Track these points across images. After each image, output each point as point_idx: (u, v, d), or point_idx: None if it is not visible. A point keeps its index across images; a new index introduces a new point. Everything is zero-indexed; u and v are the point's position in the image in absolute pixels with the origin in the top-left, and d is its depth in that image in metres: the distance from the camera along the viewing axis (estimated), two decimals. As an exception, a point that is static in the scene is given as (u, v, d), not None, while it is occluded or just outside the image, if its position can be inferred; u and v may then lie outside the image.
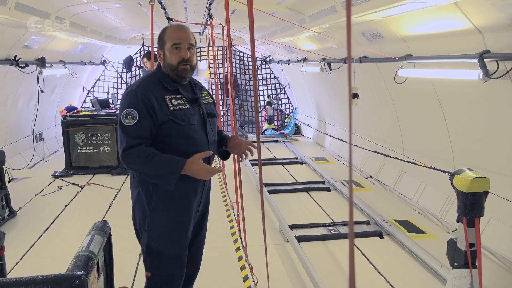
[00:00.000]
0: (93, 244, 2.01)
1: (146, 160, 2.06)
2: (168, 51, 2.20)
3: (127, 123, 2.09)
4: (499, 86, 3.27)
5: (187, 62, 2.20)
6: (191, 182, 2.23)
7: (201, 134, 2.26)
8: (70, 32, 6.12)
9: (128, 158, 2.10)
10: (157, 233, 2.23)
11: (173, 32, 2.21)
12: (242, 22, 7.29)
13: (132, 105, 2.11)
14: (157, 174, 2.09)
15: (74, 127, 6.77)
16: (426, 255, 3.75)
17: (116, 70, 10.89)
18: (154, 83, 2.22)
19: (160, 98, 2.15)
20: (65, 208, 5.25)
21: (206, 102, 2.40)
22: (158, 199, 2.21)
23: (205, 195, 2.44)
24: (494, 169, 3.75)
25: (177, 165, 2.09)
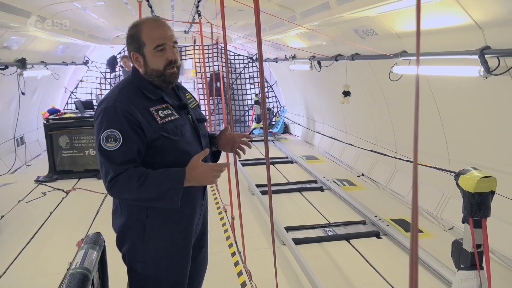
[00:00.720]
0: (87, 260, 1.87)
1: (140, 184, 1.69)
2: (150, 54, 1.81)
3: (109, 148, 1.71)
4: (499, 83, 3.21)
5: (174, 64, 1.84)
6: (189, 202, 1.92)
7: (195, 145, 1.93)
8: (51, 31, 5.89)
9: (117, 187, 1.73)
10: (154, 263, 1.91)
11: (153, 30, 1.81)
12: (230, 20, 7.16)
13: (112, 125, 1.73)
14: (157, 196, 1.72)
15: (58, 130, 6.54)
16: (426, 255, 3.69)
17: (99, 71, 10.63)
18: (133, 93, 1.82)
19: (145, 111, 1.77)
20: (51, 215, 5.04)
21: (192, 106, 2.05)
22: (152, 228, 1.87)
23: (203, 212, 2.12)
24: (492, 166, 3.71)
25: (177, 177, 1.74)
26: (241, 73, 11.34)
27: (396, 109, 5.50)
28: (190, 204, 1.93)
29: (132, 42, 1.85)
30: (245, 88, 11.46)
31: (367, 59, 5.27)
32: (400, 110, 5.42)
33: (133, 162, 1.75)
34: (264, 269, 3.63)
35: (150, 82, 1.88)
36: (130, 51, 1.89)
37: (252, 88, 11.39)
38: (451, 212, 4.50)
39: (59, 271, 3.64)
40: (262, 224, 4.68)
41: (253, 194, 5.63)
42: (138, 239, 1.88)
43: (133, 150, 1.74)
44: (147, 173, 1.72)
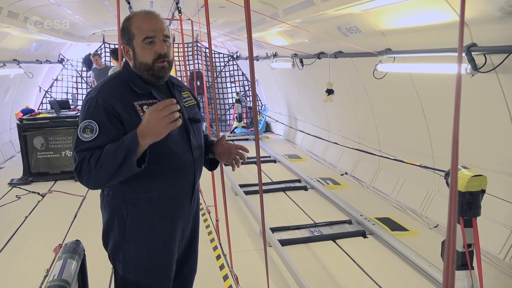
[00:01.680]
0: (66, 271, 1.74)
1: (96, 160, 1.60)
2: (139, 47, 1.74)
3: (84, 139, 1.64)
4: (485, 81, 3.20)
5: (164, 58, 1.76)
6: (174, 204, 1.85)
7: (183, 145, 1.83)
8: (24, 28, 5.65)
9: (81, 174, 1.63)
10: (134, 265, 1.83)
11: (143, 22, 1.75)
12: (211, 17, 7.02)
13: (91, 115, 1.67)
14: (115, 165, 1.58)
15: (32, 131, 6.29)
16: (413, 254, 3.67)
17: (75, 69, 10.33)
18: (120, 86, 1.77)
19: (128, 105, 1.70)
20: (26, 219, 4.82)
21: (187, 104, 1.96)
22: (133, 227, 1.80)
23: (193, 216, 2.00)
24: (478, 165, 3.70)
25: (131, 137, 1.58)
26: (221, 72, 11.20)
27: (379, 107, 5.48)
28: (174, 206, 1.85)
29: (123, 34, 1.80)
30: (226, 87, 11.33)
31: (350, 57, 5.24)
32: (383, 108, 5.41)
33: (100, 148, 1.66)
34: (250, 272, 3.54)
35: (140, 77, 1.80)
36: (122, 45, 1.83)
37: (233, 86, 11.27)
38: (435, 210, 4.50)
39: (36, 279, 3.48)
40: (247, 225, 4.59)
41: (237, 195, 5.53)
42: (119, 238, 1.81)
43: (105, 142, 1.65)
44: (103, 149, 1.62)
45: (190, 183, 1.89)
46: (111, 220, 1.83)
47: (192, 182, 1.89)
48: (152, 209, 1.80)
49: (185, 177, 1.86)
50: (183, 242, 1.97)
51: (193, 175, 1.89)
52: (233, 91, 11.17)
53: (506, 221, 3.63)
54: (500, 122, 3.41)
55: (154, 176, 1.76)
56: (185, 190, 1.89)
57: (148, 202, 1.80)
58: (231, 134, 9.91)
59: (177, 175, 1.83)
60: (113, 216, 1.82)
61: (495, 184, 3.51)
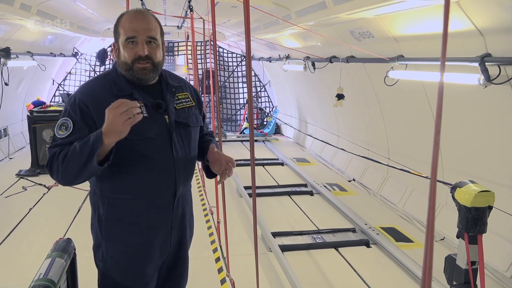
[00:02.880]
0: (52, 270, 1.70)
1: (63, 156, 1.59)
2: (122, 45, 1.73)
3: (59, 135, 1.66)
4: (499, 92, 3.10)
5: (146, 60, 1.70)
6: (152, 207, 1.78)
7: (164, 151, 1.74)
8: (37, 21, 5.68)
9: (51, 170, 1.65)
10: (111, 265, 1.80)
11: (128, 21, 1.72)
12: (223, 16, 7.00)
13: (67, 114, 1.69)
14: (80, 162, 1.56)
15: (42, 123, 6.33)
16: (416, 267, 3.57)
17: (88, 63, 10.39)
18: (102, 86, 1.75)
19: (105, 106, 1.61)
20: (30, 211, 4.85)
21: (180, 107, 1.85)
22: (109, 227, 1.77)
23: (178, 223, 1.89)
24: (487, 178, 3.60)
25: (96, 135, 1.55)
26: (233, 71, 11.17)
27: (390, 115, 5.38)
28: (150, 211, 1.78)
29: (114, 32, 1.79)
30: (237, 87, 11.29)
31: (362, 62, 5.15)
32: (394, 115, 5.31)
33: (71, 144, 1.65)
34: (248, 278, 3.46)
35: (125, 77, 1.77)
36: (114, 42, 1.81)
37: (245, 87, 11.23)
38: (442, 222, 4.38)
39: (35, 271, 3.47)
40: (249, 228, 4.53)
41: (241, 197, 5.48)
42: (99, 237, 1.81)
43: (77, 138, 1.63)
44: (72, 146, 1.61)
45: (170, 189, 1.80)
46: (93, 217, 1.83)
47: (172, 188, 1.80)
48: (128, 211, 1.76)
49: (163, 183, 1.77)
50: (168, 248, 1.89)
51: (173, 181, 1.78)
52: (244, 91, 11.13)
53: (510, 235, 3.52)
54: (507, 135, 3.31)
55: (130, 178, 1.72)
56: (164, 196, 1.80)
57: (124, 203, 1.76)
58: (240, 135, 9.87)
59: (154, 180, 1.75)
60: (94, 214, 1.82)
61: (504, 198, 3.40)
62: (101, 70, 10.47)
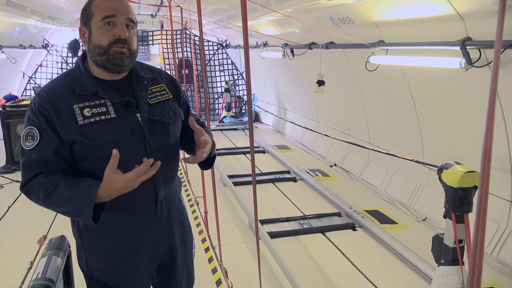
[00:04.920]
0: (50, 269, 1.66)
1: (46, 196, 1.45)
2: (96, 26, 1.52)
3: (27, 147, 1.50)
4: (479, 75, 3.18)
5: (123, 44, 1.52)
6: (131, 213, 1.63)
7: (138, 153, 1.55)
8: (6, 12, 5.45)
9: (29, 196, 1.52)
10: (97, 275, 1.68)
11: (106, 1, 1.53)
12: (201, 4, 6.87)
13: (31, 122, 1.52)
14: (67, 212, 1.49)
15: (15, 118, 6.12)
16: (402, 248, 3.67)
17: (60, 55, 10.07)
18: (63, 87, 1.56)
19: (66, 109, 1.50)
20: (9, 209, 4.71)
21: (154, 101, 1.66)
22: (89, 237, 1.64)
23: (165, 227, 1.73)
24: (468, 159, 3.71)
25: (87, 195, 1.42)
26: (210, 60, 11.05)
27: (370, 100, 5.45)
28: (130, 217, 1.64)
29: (82, 14, 1.58)
30: (214, 76, 11.19)
31: (342, 47, 5.17)
32: (374, 100, 5.38)
33: (49, 164, 1.51)
34: (239, 265, 3.51)
35: (89, 73, 1.59)
36: (80, 26, 1.59)
37: (222, 75, 11.14)
38: (424, 203, 4.52)
39: (19, 271, 3.39)
40: (236, 217, 4.55)
41: (225, 186, 5.47)
42: (80, 244, 1.67)
43: (49, 150, 1.50)
44: (57, 184, 1.46)
45: (150, 193, 1.64)
46: (72, 226, 1.70)
47: (152, 192, 1.64)
48: (107, 221, 1.56)
49: (141, 190, 1.54)
50: (158, 254, 1.75)
51: (152, 185, 1.62)
52: (222, 80, 11.05)
53: (494, 216, 3.65)
54: (491, 117, 3.40)
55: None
56: (146, 202, 1.65)
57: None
58: (219, 124, 9.83)
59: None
60: (73, 221, 1.68)
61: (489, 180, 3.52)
62: (74, 62, 10.18)
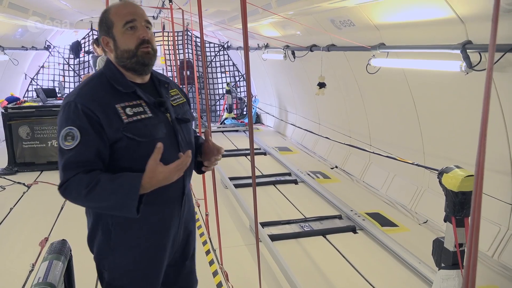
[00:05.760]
0: (51, 273, 1.68)
1: (87, 191, 1.48)
2: (119, 33, 1.64)
3: (66, 147, 1.53)
4: (479, 79, 3.18)
5: (148, 44, 1.64)
6: (162, 209, 1.73)
7: (171, 149, 1.66)
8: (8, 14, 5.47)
9: (67, 194, 1.54)
10: (120, 273, 1.74)
11: (122, 8, 1.65)
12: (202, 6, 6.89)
13: (71, 122, 1.55)
14: (108, 205, 1.53)
15: (18, 119, 6.15)
16: (403, 251, 3.67)
17: (62, 56, 10.09)
18: (101, 87, 1.64)
19: (110, 108, 1.58)
20: (11, 211, 4.73)
21: (175, 103, 1.81)
22: (118, 235, 1.68)
23: (184, 221, 1.85)
24: (468, 162, 3.71)
25: (132, 186, 1.49)
26: (212, 62, 11.07)
27: (371, 102, 5.46)
28: (161, 212, 1.73)
29: (101, 25, 1.70)
30: (216, 77, 11.21)
31: (343, 50, 5.18)
32: (375, 103, 5.39)
33: (89, 164, 1.55)
34: (240, 268, 3.51)
35: (123, 74, 1.68)
36: (100, 37, 1.71)
37: (223, 77, 11.15)
38: (425, 206, 4.52)
39: (21, 273, 3.40)
40: (236, 219, 4.56)
41: (227, 188, 5.48)
42: (105, 245, 1.70)
43: (91, 151, 1.54)
44: (98, 179, 1.50)
45: (179, 188, 1.76)
46: (95, 226, 1.72)
47: (181, 186, 1.76)
48: (139, 218, 1.60)
49: (174, 184, 1.62)
50: (174, 248, 1.86)
51: (181, 180, 1.73)
52: (223, 82, 11.06)
53: (495, 219, 3.65)
54: (492, 120, 3.41)
55: None
56: (174, 196, 1.76)
57: None
58: (221, 125, 9.83)
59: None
60: (97, 223, 1.71)
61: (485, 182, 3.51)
62: (76, 63, 10.21)
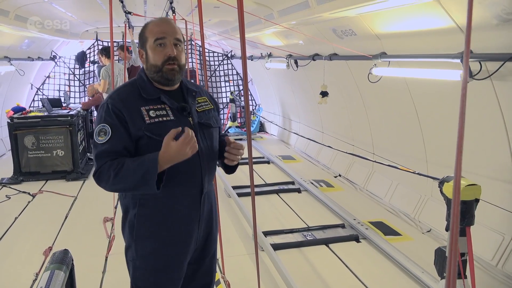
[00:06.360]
0: (53, 283, 1.70)
1: (115, 173, 1.73)
2: (150, 49, 1.86)
3: (99, 141, 1.79)
4: (480, 88, 3.19)
5: (174, 61, 1.84)
6: (181, 205, 1.90)
7: None
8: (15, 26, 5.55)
9: (99, 179, 1.79)
10: (141, 264, 1.91)
11: (155, 26, 1.87)
12: (205, 17, 6.97)
13: (104, 120, 1.81)
14: (133, 182, 1.73)
15: (23, 129, 6.20)
16: (406, 260, 3.66)
17: (67, 66, 10.20)
18: (131, 92, 1.88)
19: (135, 110, 1.82)
20: (15, 220, 4.75)
21: (201, 109, 2.00)
22: (140, 227, 1.88)
23: (205, 219, 2.01)
24: (471, 170, 3.70)
25: (151, 162, 1.71)
26: (215, 71, 11.14)
27: (374, 111, 5.47)
28: (180, 208, 1.90)
29: (139, 39, 1.93)
30: (220, 86, 11.27)
31: (345, 59, 5.21)
32: (378, 112, 5.40)
33: (117, 154, 1.79)
34: (242, 278, 3.51)
35: (151, 82, 1.90)
36: (139, 48, 1.95)
37: (227, 86, 11.22)
38: (428, 215, 4.50)
39: (25, 282, 3.42)
40: (240, 228, 4.56)
41: (230, 197, 5.49)
42: (130, 237, 1.92)
43: (119, 143, 1.79)
44: (124, 162, 1.75)
45: (198, 187, 1.92)
46: (124, 218, 1.94)
47: (199, 186, 1.92)
48: (159, 210, 1.87)
49: (192, 180, 1.89)
50: (194, 245, 1.99)
51: (200, 179, 1.91)
52: (227, 90, 11.12)
53: (498, 227, 3.63)
54: (494, 128, 3.41)
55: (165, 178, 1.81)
56: (193, 194, 1.92)
57: (155, 202, 1.86)
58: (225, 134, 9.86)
59: (183, 178, 1.87)
60: (125, 215, 1.93)
61: (488, 190, 3.50)
62: (81, 73, 10.30)
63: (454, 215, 0.72)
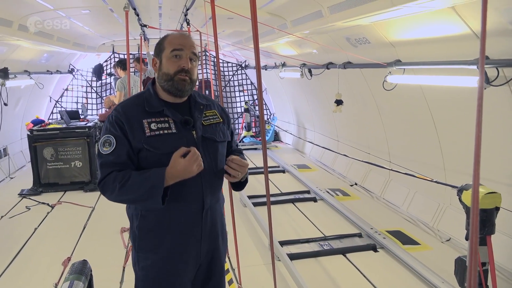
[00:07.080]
0: (72, 294, 1.71)
1: (121, 185, 1.74)
2: (165, 58, 1.88)
3: (104, 152, 1.82)
4: (497, 94, 3.15)
5: (186, 73, 1.85)
6: (180, 221, 1.87)
7: None
8: (35, 40, 5.70)
9: (104, 189, 1.81)
10: (143, 275, 1.91)
11: (175, 38, 1.91)
12: (219, 28, 7.04)
13: (108, 131, 1.85)
14: (138, 196, 1.74)
15: (42, 141, 6.33)
16: (425, 270, 3.59)
17: (85, 79, 10.40)
18: (136, 105, 1.90)
19: (137, 122, 1.83)
20: (35, 231, 4.83)
21: (207, 123, 1.97)
22: (142, 238, 1.90)
23: (208, 237, 1.96)
24: (489, 178, 3.64)
25: (158, 177, 1.73)
26: (230, 81, 11.22)
27: (389, 119, 5.42)
28: (179, 224, 1.88)
29: (156, 47, 1.96)
30: (234, 96, 11.34)
31: (359, 67, 5.20)
32: (394, 119, 5.35)
33: (123, 165, 1.80)
34: (259, 287, 3.50)
35: (157, 95, 1.92)
36: (154, 57, 1.97)
37: (241, 96, 11.28)
38: (448, 223, 4.42)
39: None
40: (256, 238, 4.55)
41: (245, 206, 5.49)
42: (133, 248, 1.94)
43: (124, 154, 1.80)
44: (130, 175, 1.77)
45: (198, 202, 1.89)
46: (130, 230, 1.97)
47: (200, 201, 1.89)
48: (158, 224, 1.87)
49: (192, 195, 1.87)
50: (198, 260, 1.96)
51: (200, 194, 1.88)
52: (241, 100, 11.18)
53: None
54: (512, 135, 3.35)
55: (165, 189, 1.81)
56: (193, 209, 1.89)
57: (155, 216, 1.87)
58: (239, 144, 9.89)
59: (183, 193, 1.84)
60: (131, 226, 1.96)
61: (508, 197, 3.44)
62: (98, 85, 10.50)
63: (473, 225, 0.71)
